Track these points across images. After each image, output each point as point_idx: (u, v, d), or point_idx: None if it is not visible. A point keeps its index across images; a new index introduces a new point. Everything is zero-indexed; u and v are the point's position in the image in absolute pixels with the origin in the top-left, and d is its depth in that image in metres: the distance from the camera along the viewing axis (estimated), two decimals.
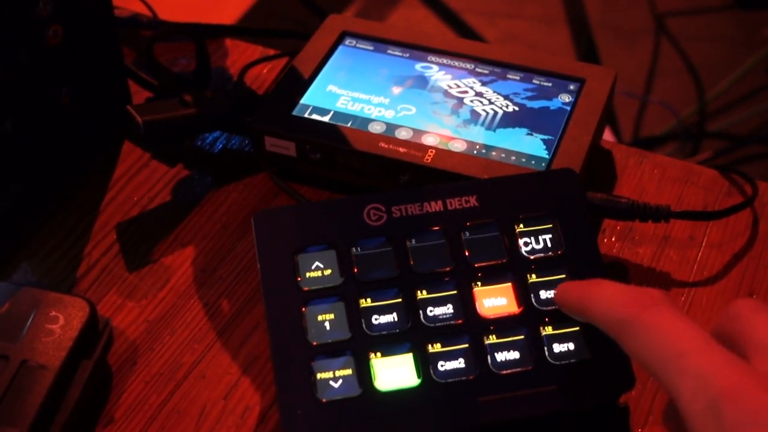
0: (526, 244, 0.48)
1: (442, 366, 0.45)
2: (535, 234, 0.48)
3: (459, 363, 0.45)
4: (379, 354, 0.45)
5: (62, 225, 0.57)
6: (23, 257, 0.56)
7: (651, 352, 0.38)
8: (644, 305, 0.39)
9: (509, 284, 0.47)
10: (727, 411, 0.34)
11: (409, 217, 0.48)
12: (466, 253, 0.47)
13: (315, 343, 0.45)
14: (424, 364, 0.45)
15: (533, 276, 0.47)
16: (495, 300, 0.47)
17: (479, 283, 0.47)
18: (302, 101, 0.59)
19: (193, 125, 0.58)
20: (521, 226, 0.48)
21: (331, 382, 0.45)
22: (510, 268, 0.47)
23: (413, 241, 0.48)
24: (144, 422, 0.48)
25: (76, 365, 0.47)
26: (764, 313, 0.38)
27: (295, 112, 0.58)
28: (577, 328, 0.45)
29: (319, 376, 0.45)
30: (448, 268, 0.47)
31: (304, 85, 0.60)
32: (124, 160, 0.61)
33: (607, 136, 0.62)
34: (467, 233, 0.48)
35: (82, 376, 0.47)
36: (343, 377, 0.45)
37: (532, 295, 0.46)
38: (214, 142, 0.62)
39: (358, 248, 0.48)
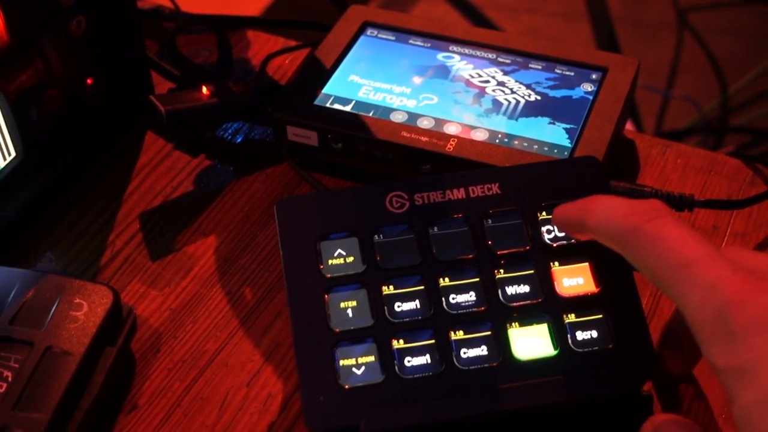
0: (548, 231, 0.48)
1: (464, 353, 0.45)
2: None
3: (482, 350, 0.45)
4: (401, 341, 0.45)
5: (86, 214, 0.57)
6: (47, 246, 0.56)
7: (656, 261, 0.38)
8: (648, 215, 0.39)
9: (532, 271, 0.47)
10: (736, 317, 0.34)
11: (431, 205, 0.48)
12: (489, 241, 0.47)
13: (337, 330, 0.45)
14: (447, 351, 0.45)
15: (556, 264, 0.47)
16: (518, 287, 0.46)
17: (502, 271, 0.47)
18: (324, 91, 0.59)
19: (216, 115, 0.58)
20: (544, 213, 0.48)
21: (354, 369, 0.45)
22: (533, 256, 0.47)
23: (435, 229, 0.48)
24: (167, 409, 0.48)
25: (100, 352, 0.47)
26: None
27: (317, 102, 0.58)
28: (601, 316, 0.45)
29: (341, 362, 0.45)
30: (470, 256, 0.47)
31: (325, 75, 0.60)
32: (147, 150, 0.61)
33: (629, 128, 0.62)
34: (490, 221, 0.48)
35: (105, 363, 0.47)
36: (366, 364, 0.45)
37: (555, 283, 0.46)
38: (236, 132, 0.62)
39: (381, 236, 0.47)
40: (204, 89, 0.58)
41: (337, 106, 0.58)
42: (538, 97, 0.58)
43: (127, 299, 0.53)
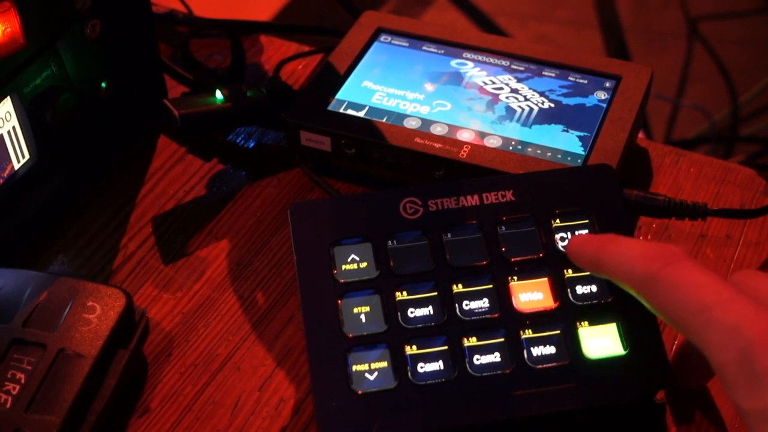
0: (562, 239, 0.48)
1: (477, 360, 0.45)
2: (572, 229, 0.48)
3: (495, 357, 0.45)
4: (414, 347, 0.45)
5: (98, 217, 0.58)
6: (60, 248, 0.56)
7: (676, 307, 0.38)
8: (665, 261, 0.39)
9: (545, 279, 0.47)
10: (760, 359, 0.34)
11: (445, 211, 0.48)
12: (503, 248, 0.47)
13: (350, 335, 0.45)
14: (460, 357, 0.45)
15: (569, 271, 0.47)
16: (531, 294, 0.46)
17: (515, 278, 0.47)
18: (338, 96, 0.59)
19: (229, 119, 0.58)
20: (557, 221, 0.48)
21: (367, 374, 0.45)
22: (546, 263, 0.47)
23: (449, 235, 0.48)
24: (179, 412, 0.48)
25: (112, 355, 0.47)
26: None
27: (330, 107, 0.58)
28: (614, 324, 0.45)
29: (354, 368, 0.45)
30: (484, 262, 0.47)
31: (339, 80, 0.60)
32: (160, 153, 0.62)
33: (640, 137, 0.62)
34: (503, 227, 0.48)
35: (118, 366, 0.47)
36: (379, 369, 0.45)
37: (568, 290, 0.46)
38: (249, 136, 0.62)
39: (394, 241, 0.48)
40: (218, 93, 0.58)
41: (350, 112, 0.58)
42: (552, 105, 0.58)
43: (140, 302, 0.53)
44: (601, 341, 0.45)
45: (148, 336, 0.50)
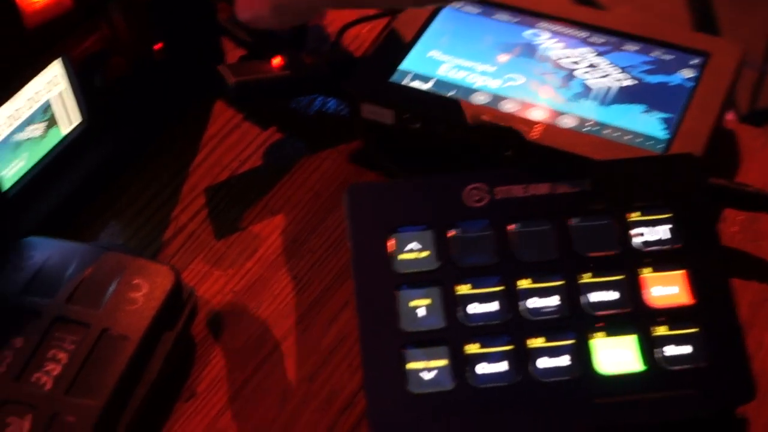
0: (639, 234, 0.44)
1: (542, 363, 0.42)
2: (651, 224, 0.44)
3: (561, 360, 0.42)
4: (475, 346, 0.42)
5: (149, 187, 0.55)
6: (109, 217, 0.54)
7: None
8: None
9: (620, 277, 0.43)
10: None
11: (513, 200, 0.45)
12: (574, 242, 0.44)
13: (407, 331, 0.43)
14: (523, 359, 0.42)
15: (647, 270, 0.43)
16: (604, 294, 0.43)
17: (587, 275, 0.43)
18: (402, 67, 0.55)
19: (287, 88, 0.56)
20: (635, 214, 0.44)
21: (423, 374, 0.42)
22: (621, 261, 0.44)
23: (516, 226, 0.44)
24: (226, 399, 0.46)
25: (158, 336, 0.45)
26: None
27: (393, 78, 0.55)
28: (696, 330, 0.42)
29: (409, 366, 0.42)
30: (553, 257, 0.44)
31: (404, 49, 0.56)
32: (215, 120, 0.59)
33: (728, 117, 0.58)
34: (576, 220, 0.44)
35: (163, 348, 0.45)
36: (437, 369, 0.42)
37: (644, 291, 0.43)
38: (309, 104, 0.59)
39: (457, 230, 0.44)
40: (276, 60, 0.55)
41: (415, 84, 0.54)
42: (633, 82, 0.54)
43: (189, 279, 0.51)
44: (680, 349, 0.42)
45: (197, 316, 0.48)
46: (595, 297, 0.43)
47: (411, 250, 0.44)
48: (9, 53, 0.48)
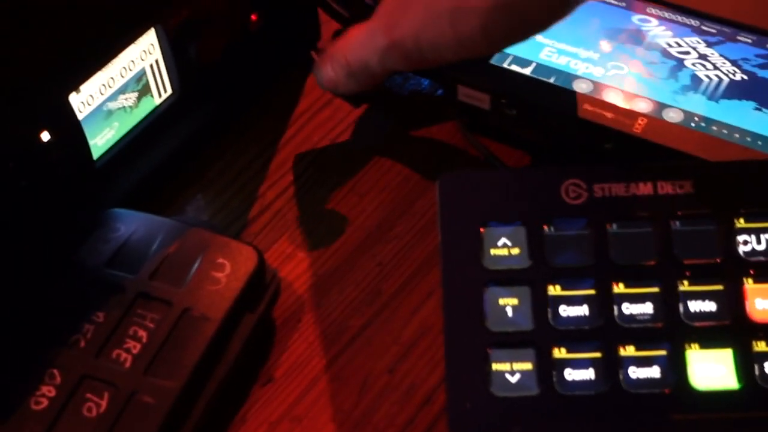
0: (745, 243, 0.42)
1: (633, 372, 0.40)
2: (758, 232, 0.42)
3: (653, 371, 0.40)
4: (563, 350, 0.41)
5: (238, 160, 0.55)
6: (197, 190, 0.53)
7: None
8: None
9: (721, 287, 0.41)
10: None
11: (612, 198, 0.43)
12: (675, 247, 0.42)
13: (494, 330, 0.41)
14: (614, 368, 0.40)
15: (750, 281, 0.41)
16: (703, 304, 0.41)
17: (686, 283, 0.41)
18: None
19: None
20: (741, 221, 0.42)
21: (508, 375, 0.40)
22: (724, 269, 0.41)
23: (615, 227, 0.42)
24: (304, 386, 0.45)
25: (239, 319, 0.45)
26: None
27: (493, 61, 0.53)
28: None
29: (494, 366, 0.40)
30: (652, 262, 0.42)
31: None
32: (306, 95, 0.58)
33: None
34: (678, 223, 0.42)
35: (244, 331, 0.45)
36: (522, 372, 0.40)
37: (746, 304, 0.41)
38: (403, 82, 0.58)
39: (552, 228, 0.43)
40: None
41: (514, 68, 0.52)
42: (745, 77, 0.51)
43: (272, 259, 0.50)
44: None
45: (279, 298, 0.47)
46: (693, 306, 0.41)
47: (502, 246, 0.42)
48: (105, 21, 0.47)
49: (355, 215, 0.51)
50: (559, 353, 0.40)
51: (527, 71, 0.52)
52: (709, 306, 0.41)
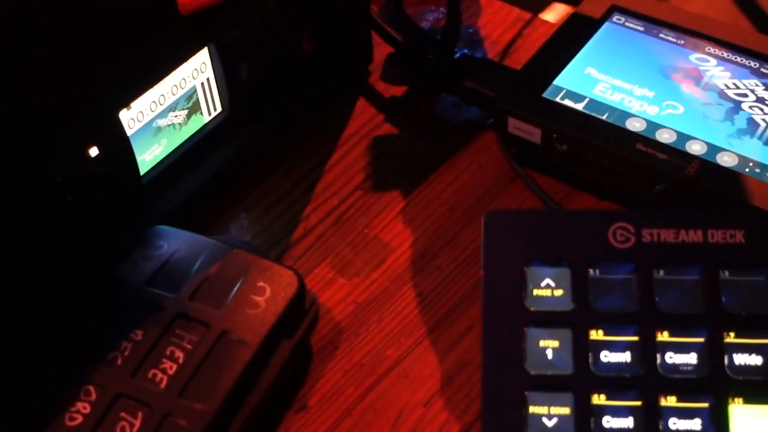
0: None
1: (674, 424, 0.39)
2: None
3: (694, 424, 0.39)
4: (603, 396, 0.40)
5: (284, 181, 0.54)
6: (240, 210, 0.53)
7: None
8: None
9: None
10: None
11: (661, 244, 0.42)
12: (723, 297, 0.41)
13: (533, 373, 0.40)
14: (654, 419, 0.39)
15: None
16: (749, 358, 0.40)
17: (732, 335, 0.40)
18: (556, 82, 0.53)
19: None
20: None
21: (545, 419, 0.40)
22: None
23: (662, 273, 0.41)
24: (338, 415, 0.45)
25: (276, 344, 0.44)
26: None
27: (546, 94, 0.52)
28: None
29: (531, 409, 0.40)
30: (698, 312, 0.41)
31: (560, 63, 0.54)
32: (356, 117, 0.58)
33: None
34: (727, 273, 0.41)
35: (280, 357, 0.44)
36: (560, 416, 0.40)
37: None
38: (453, 111, 0.57)
39: (597, 271, 0.42)
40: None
41: (567, 102, 0.52)
42: None
43: (313, 284, 0.49)
44: None
45: (317, 325, 0.47)
46: (738, 359, 0.40)
47: (546, 287, 0.42)
48: (160, 39, 0.47)
49: (398, 243, 0.51)
50: (599, 400, 0.40)
51: (580, 106, 0.51)
52: (755, 360, 0.40)
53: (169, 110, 0.50)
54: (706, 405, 0.39)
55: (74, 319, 0.44)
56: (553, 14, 0.67)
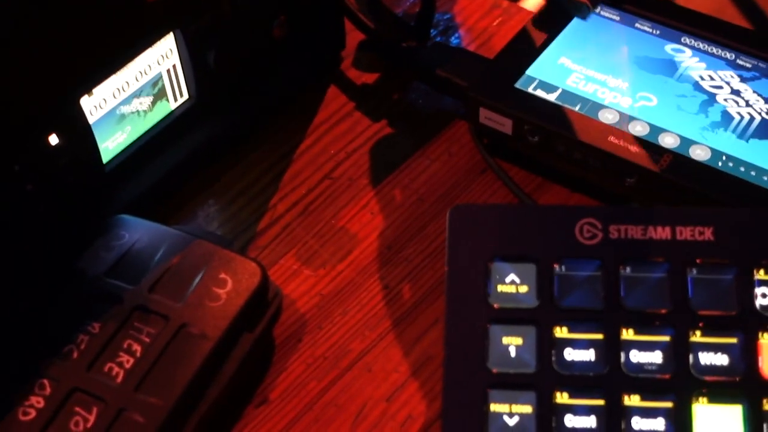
0: (763, 295, 0.40)
1: (636, 424, 0.38)
2: None
3: (658, 423, 0.38)
4: (565, 395, 0.39)
5: (252, 170, 0.53)
6: (207, 198, 0.52)
7: None
8: None
9: (735, 341, 0.39)
10: None
11: (628, 241, 0.41)
12: (690, 295, 0.40)
13: (495, 371, 0.40)
14: (616, 418, 0.38)
15: (765, 336, 0.39)
16: (714, 357, 0.39)
17: (698, 333, 0.40)
18: (528, 72, 0.52)
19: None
20: (761, 272, 0.40)
21: (506, 418, 0.39)
22: (739, 322, 0.40)
23: (628, 270, 0.41)
24: (298, 410, 0.44)
25: (236, 338, 0.44)
26: None
27: (518, 84, 0.51)
28: None
29: (492, 407, 0.39)
30: (663, 310, 0.40)
31: (533, 52, 0.53)
32: (327, 105, 0.57)
33: None
34: (694, 271, 0.41)
35: (240, 351, 0.43)
36: (521, 415, 0.39)
37: (760, 360, 0.39)
38: (424, 100, 0.56)
39: (563, 267, 0.41)
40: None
41: (539, 93, 0.51)
42: None
43: (277, 275, 0.49)
44: None
45: (280, 317, 0.46)
46: (704, 359, 0.39)
47: (510, 283, 0.41)
48: (123, 23, 0.46)
49: (365, 234, 0.50)
50: (561, 398, 0.39)
51: (552, 97, 0.50)
52: (721, 359, 0.39)
53: (133, 97, 0.49)
54: (669, 404, 0.39)
55: (30, 310, 0.43)
56: (532, 1, 0.66)
